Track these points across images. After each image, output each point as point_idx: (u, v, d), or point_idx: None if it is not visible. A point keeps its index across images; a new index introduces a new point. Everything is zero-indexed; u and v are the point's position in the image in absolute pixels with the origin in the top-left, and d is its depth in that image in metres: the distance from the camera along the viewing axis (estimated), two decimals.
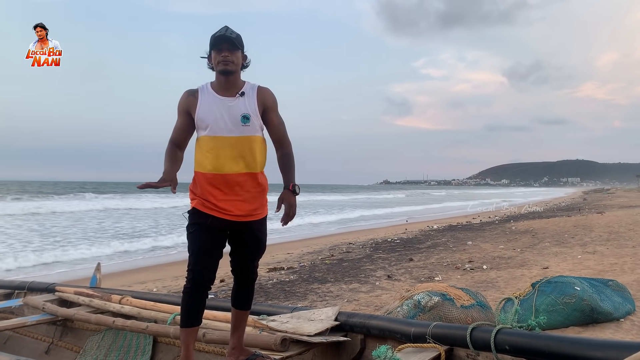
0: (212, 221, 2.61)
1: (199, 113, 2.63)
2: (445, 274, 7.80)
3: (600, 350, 2.08)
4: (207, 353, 3.51)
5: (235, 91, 2.68)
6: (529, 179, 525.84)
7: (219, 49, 2.62)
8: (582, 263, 7.93)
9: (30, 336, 4.50)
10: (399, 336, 2.86)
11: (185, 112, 2.68)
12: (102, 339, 4.07)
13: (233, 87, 2.69)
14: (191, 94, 2.68)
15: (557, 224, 15.02)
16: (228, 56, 2.61)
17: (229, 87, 2.68)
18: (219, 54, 2.62)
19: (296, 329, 3.10)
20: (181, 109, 2.69)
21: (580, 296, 4.51)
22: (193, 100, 2.66)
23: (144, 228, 18.03)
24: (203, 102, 2.65)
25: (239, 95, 2.67)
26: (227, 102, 2.65)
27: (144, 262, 10.97)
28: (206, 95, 2.67)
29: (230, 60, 2.62)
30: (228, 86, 2.68)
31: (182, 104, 2.69)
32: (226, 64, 2.61)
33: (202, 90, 2.69)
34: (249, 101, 2.68)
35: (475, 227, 16.50)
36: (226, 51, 2.61)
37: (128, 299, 4.28)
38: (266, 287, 7.32)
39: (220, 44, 2.61)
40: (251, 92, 2.71)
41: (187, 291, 2.65)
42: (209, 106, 2.63)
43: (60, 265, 10.35)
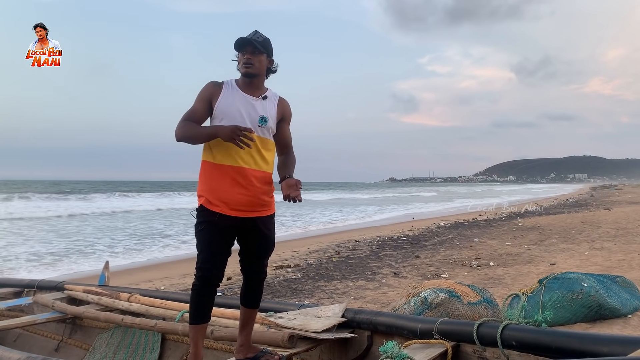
0: (219, 218, 2.62)
1: (220, 103, 2.68)
2: (452, 271, 7.80)
3: (607, 345, 2.08)
4: (215, 350, 3.54)
5: (259, 93, 2.76)
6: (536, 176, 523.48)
7: (242, 52, 2.69)
8: (590, 259, 7.90)
9: (40, 334, 4.55)
10: (406, 332, 2.87)
11: (207, 99, 2.70)
12: (111, 337, 4.11)
13: (257, 90, 2.76)
14: (216, 85, 2.73)
15: (564, 220, 14.97)
16: (250, 59, 2.67)
17: (254, 89, 2.75)
18: (242, 56, 2.69)
19: (303, 325, 3.11)
20: (204, 95, 2.71)
21: (588, 292, 4.50)
22: (217, 90, 2.71)
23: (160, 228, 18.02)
24: (226, 95, 2.70)
25: (262, 99, 2.75)
26: (250, 99, 2.72)
27: (151, 261, 11.02)
28: (230, 89, 2.72)
29: (251, 63, 2.68)
30: (253, 88, 2.75)
31: (206, 91, 2.72)
32: (248, 67, 2.68)
33: (227, 84, 2.74)
34: (270, 106, 2.76)
35: (482, 224, 16.47)
36: (249, 54, 2.68)
37: (136, 296, 4.31)
38: (273, 285, 7.34)
39: (244, 46, 2.68)
40: (273, 99, 2.80)
41: (196, 289, 2.67)
42: (232, 99, 2.69)
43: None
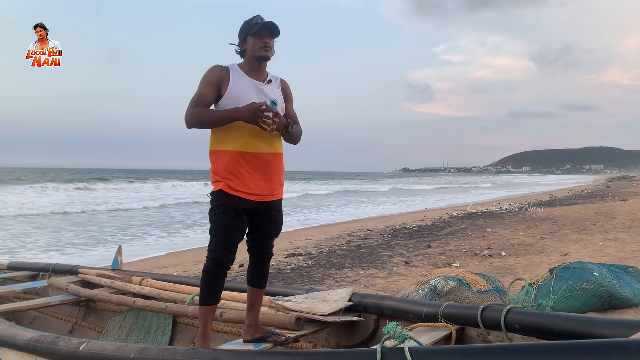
0: (238, 202, 2.64)
1: (231, 90, 2.66)
2: (463, 260, 7.79)
3: (607, 328, 2.09)
4: (225, 333, 3.59)
5: (263, 77, 2.77)
6: (551, 166, 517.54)
7: (260, 35, 2.67)
8: (603, 250, 7.84)
9: (55, 316, 4.65)
10: (412, 316, 2.90)
11: (215, 85, 2.68)
12: (123, 320, 4.19)
13: (262, 74, 2.77)
14: (223, 69, 2.71)
15: (578, 211, 14.83)
16: (269, 42, 2.69)
17: (259, 73, 2.76)
18: (260, 39, 2.67)
19: (310, 308, 3.15)
20: (211, 80, 2.68)
21: (599, 282, 4.47)
22: (225, 75, 2.69)
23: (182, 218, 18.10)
24: (235, 81, 2.69)
25: (267, 82, 2.76)
26: (258, 84, 2.72)
27: (165, 248, 11.15)
28: (238, 75, 2.71)
29: (270, 47, 2.70)
30: (259, 72, 2.75)
31: (214, 77, 2.69)
32: (267, 50, 2.68)
33: (232, 68, 2.73)
34: (275, 89, 2.79)
35: (495, 214, 16.38)
36: (268, 38, 2.68)
37: (148, 280, 4.38)
38: (284, 272, 7.40)
39: (266, 30, 2.67)
40: (276, 81, 2.82)
41: (208, 271, 2.70)
42: (242, 86, 2.68)
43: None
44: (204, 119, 2.64)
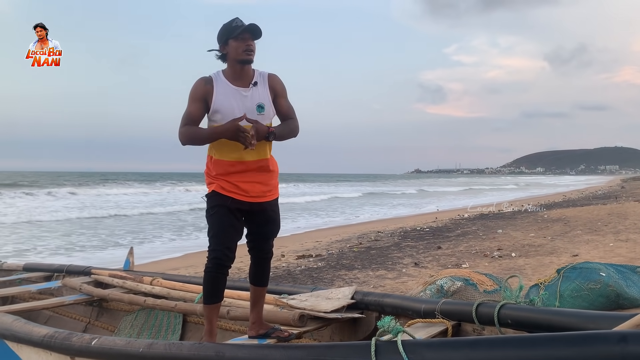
0: (231, 202, 2.72)
1: (215, 103, 2.68)
2: (473, 262, 7.81)
3: (594, 321, 2.17)
4: (232, 332, 3.69)
5: (248, 81, 2.75)
6: (565, 167, 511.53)
7: (243, 38, 2.64)
8: (614, 251, 7.81)
9: (69, 316, 4.78)
10: (411, 313, 2.99)
11: (202, 99, 2.71)
12: (135, 319, 4.30)
13: (247, 77, 2.75)
14: (208, 82, 2.72)
15: (590, 212, 14.73)
16: (252, 45, 2.68)
17: (244, 77, 2.74)
18: (243, 42, 2.65)
19: (314, 306, 3.23)
20: (198, 96, 2.71)
21: (606, 282, 4.49)
22: (210, 88, 2.70)
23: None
24: (219, 92, 2.70)
25: (253, 86, 2.74)
26: (242, 92, 2.72)
27: (177, 251, 11.28)
28: (221, 85, 2.72)
29: (253, 50, 2.68)
30: (243, 75, 2.74)
31: (199, 92, 2.71)
32: (250, 54, 2.67)
33: (216, 79, 2.74)
34: (262, 90, 2.76)
35: (507, 215, 16.33)
36: (251, 40, 2.67)
37: (159, 280, 4.49)
38: (294, 274, 7.48)
39: (247, 32, 2.65)
40: (262, 80, 2.79)
41: (209, 271, 2.77)
42: (226, 96, 2.69)
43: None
44: (194, 138, 2.70)
